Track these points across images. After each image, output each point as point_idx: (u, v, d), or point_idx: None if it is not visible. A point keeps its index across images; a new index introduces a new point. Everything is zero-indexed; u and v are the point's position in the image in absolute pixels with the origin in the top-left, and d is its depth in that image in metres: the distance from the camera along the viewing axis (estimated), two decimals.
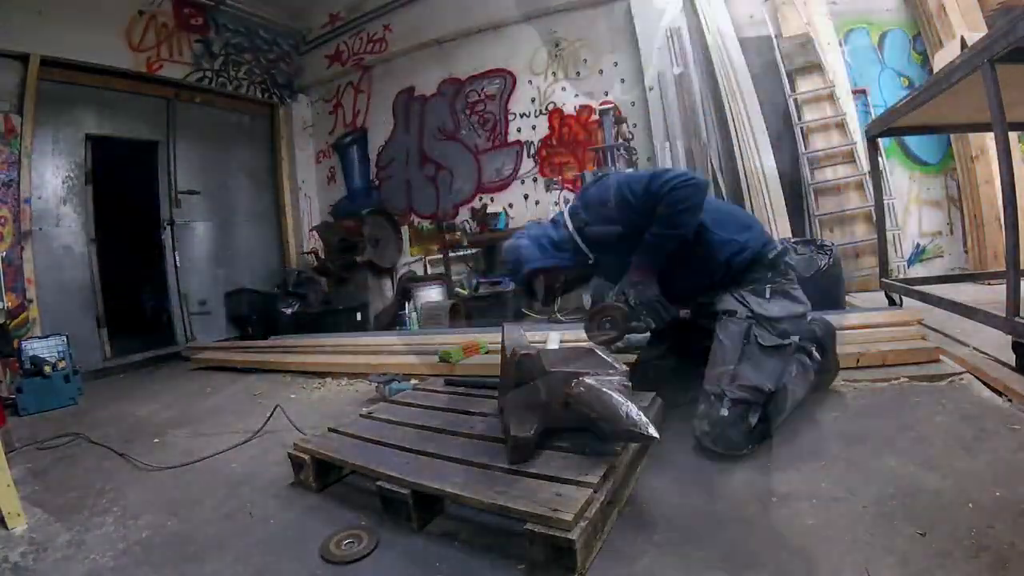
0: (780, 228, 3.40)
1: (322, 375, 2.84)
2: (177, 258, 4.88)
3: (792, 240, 2.96)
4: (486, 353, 2.62)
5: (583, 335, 1.66)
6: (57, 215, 4.11)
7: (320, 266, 5.28)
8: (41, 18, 3.87)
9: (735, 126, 3.72)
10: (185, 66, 4.98)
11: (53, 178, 4.10)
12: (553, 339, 1.72)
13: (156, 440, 2.12)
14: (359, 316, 4.76)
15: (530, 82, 4.83)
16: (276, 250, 6.01)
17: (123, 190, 4.82)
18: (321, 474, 1.43)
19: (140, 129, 4.78)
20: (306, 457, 1.44)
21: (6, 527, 1.41)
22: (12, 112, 3.73)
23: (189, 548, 1.24)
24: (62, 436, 2.21)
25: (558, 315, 3.58)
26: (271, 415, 2.00)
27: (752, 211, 3.49)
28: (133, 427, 2.37)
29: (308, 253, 5.70)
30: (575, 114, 4.62)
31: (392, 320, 4.62)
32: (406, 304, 4.44)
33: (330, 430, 1.58)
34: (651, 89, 4.20)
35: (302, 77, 6.06)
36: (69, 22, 4.01)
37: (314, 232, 5.68)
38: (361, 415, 1.69)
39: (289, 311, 4.80)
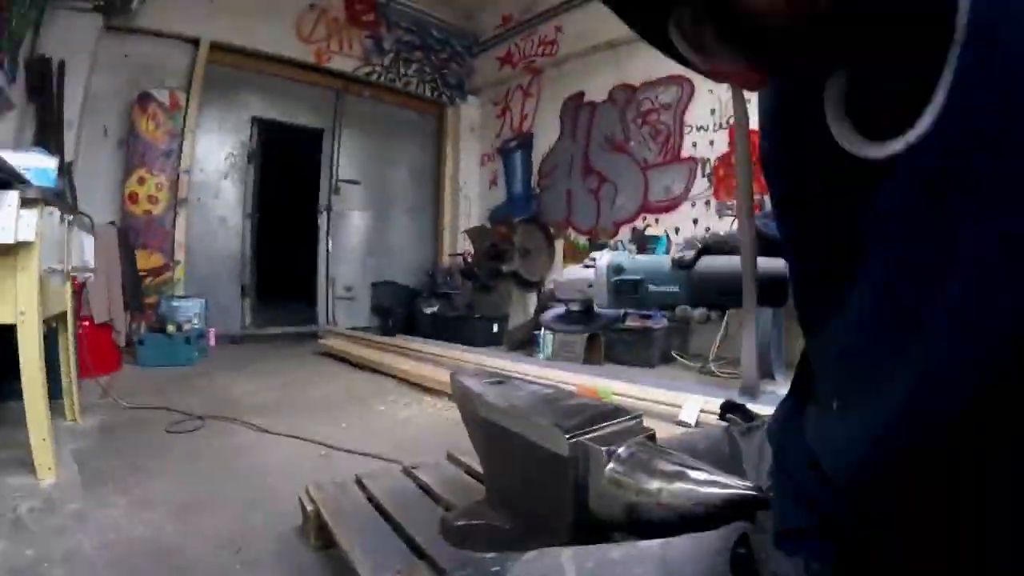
0: None
1: (426, 389, 3.29)
2: (330, 243, 6.08)
3: None
4: None
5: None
6: (217, 188, 5.41)
7: (467, 270, 6.09)
8: (214, 5, 5.05)
9: None
10: (355, 60, 6.09)
11: (216, 154, 5.37)
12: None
13: (229, 424, 2.54)
14: (495, 328, 5.47)
15: (710, 91, 5.03)
16: (428, 248, 7.08)
17: (286, 173, 6.18)
18: (323, 532, 1.36)
19: (307, 116, 6.03)
20: (309, 508, 1.42)
21: (36, 476, 1.76)
22: (179, 90, 4.93)
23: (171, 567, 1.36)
24: (148, 408, 2.72)
25: (711, 366, 3.92)
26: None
27: None
28: (220, 404, 2.86)
29: (458, 255, 6.63)
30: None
31: (525, 339, 5.03)
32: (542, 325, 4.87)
33: (357, 481, 1.50)
34: None
35: (473, 79, 6.96)
36: (240, 11, 5.16)
37: (467, 235, 6.56)
38: (405, 468, 1.56)
39: (429, 311, 5.73)
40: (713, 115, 5.04)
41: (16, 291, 1.78)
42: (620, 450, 0.81)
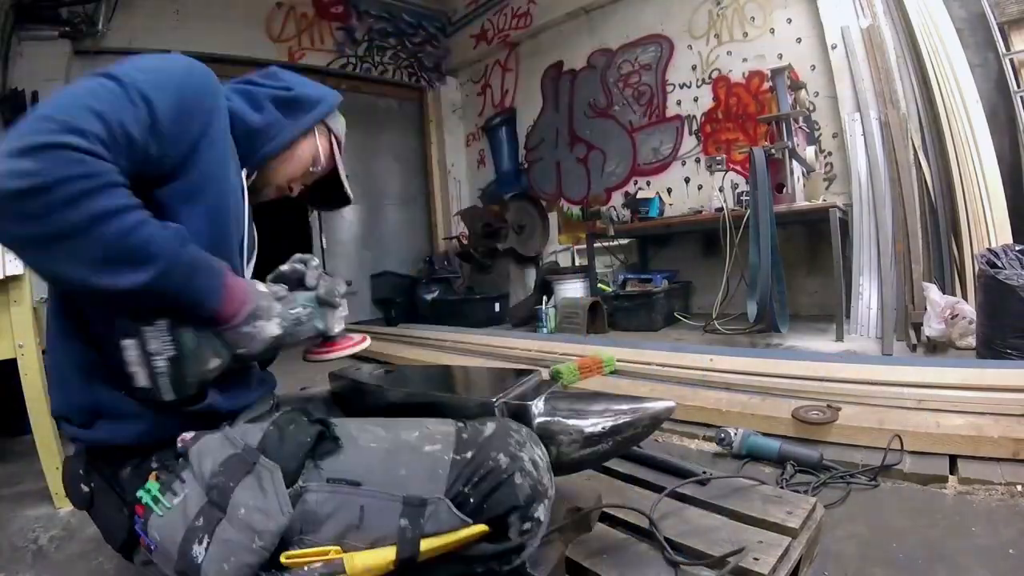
0: (999, 232, 3.29)
1: None
2: (324, 240, 6.09)
3: (1016, 248, 2.84)
4: (611, 374, 2.68)
5: None
6: None
7: (463, 252, 6.11)
8: (179, 16, 5.00)
9: (940, 92, 3.58)
10: (328, 54, 6.04)
11: None
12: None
13: None
14: (497, 307, 5.51)
15: (690, 47, 4.98)
16: (423, 234, 7.07)
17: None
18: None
19: None
20: None
21: (55, 506, 1.79)
22: None
23: None
24: None
25: (715, 324, 3.92)
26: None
27: (965, 206, 3.42)
28: None
29: (453, 238, 6.62)
30: (744, 82, 4.70)
31: (528, 315, 5.07)
32: (544, 299, 4.79)
33: None
34: (834, 47, 4.12)
35: (450, 59, 6.87)
36: (207, 17, 5.11)
37: (460, 217, 6.54)
38: None
39: (429, 297, 5.76)
40: (695, 71, 4.99)
41: (12, 325, 1.79)
42: (539, 403, 0.95)
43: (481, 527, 0.76)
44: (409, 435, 0.85)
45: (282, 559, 0.72)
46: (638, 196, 5.01)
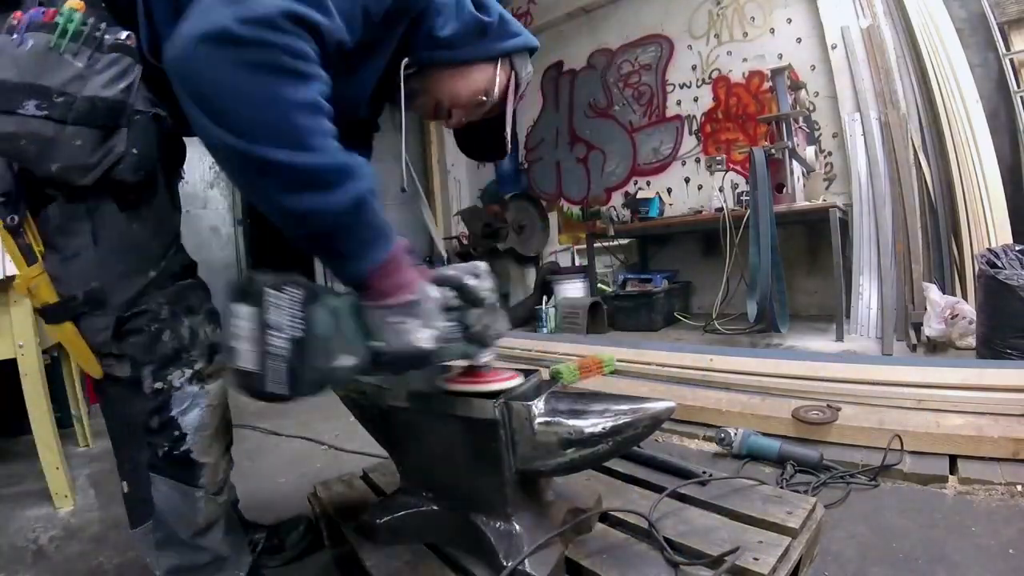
0: (999, 232, 3.29)
1: None
2: None
3: (1016, 247, 2.84)
4: (611, 374, 2.69)
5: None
6: (204, 198, 5.40)
7: (463, 252, 6.08)
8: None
9: (940, 92, 3.58)
10: None
11: (199, 164, 5.29)
12: None
13: (238, 430, 2.58)
14: None
15: (690, 47, 4.98)
16: (424, 234, 7.03)
17: None
18: (333, 529, 1.31)
19: None
20: (318, 509, 1.40)
21: (54, 506, 1.79)
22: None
23: None
24: None
25: (715, 323, 3.93)
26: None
27: (965, 206, 3.42)
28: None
29: (453, 238, 6.61)
30: (744, 82, 4.70)
31: (528, 315, 5.08)
32: (543, 299, 4.82)
33: (364, 476, 1.52)
34: (834, 47, 4.13)
35: None
36: None
37: (459, 217, 6.54)
38: None
39: None
40: (695, 71, 4.99)
41: (12, 325, 1.79)
42: (539, 403, 0.95)
43: None
44: None
45: None
46: (638, 196, 5.02)
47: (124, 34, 0.76)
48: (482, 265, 0.92)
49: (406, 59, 0.92)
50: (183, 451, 0.88)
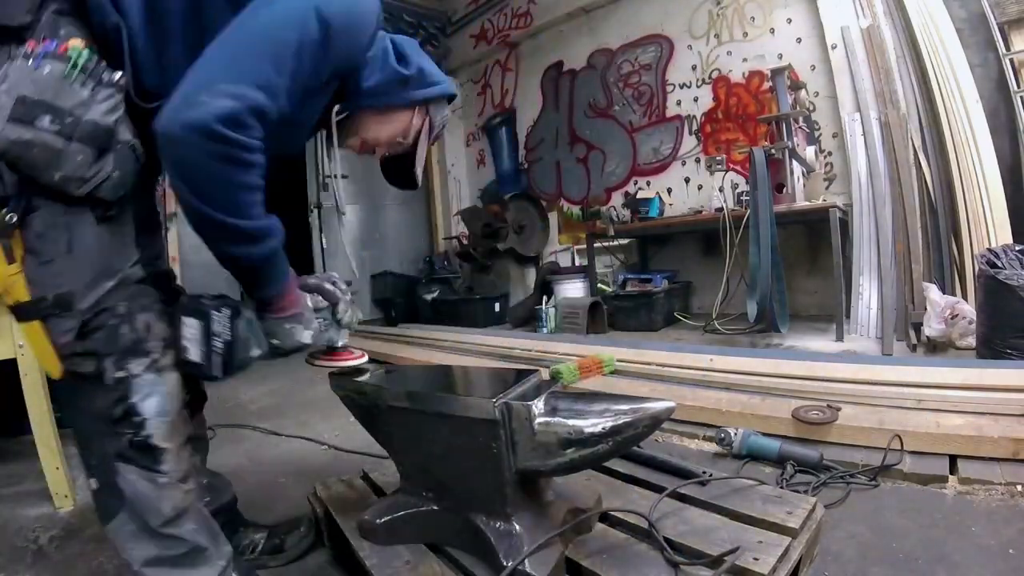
0: (999, 232, 3.29)
1: None
2: (324, 240, 6.06)
3: (1016, 247, 2.84)
4: (611, 374, 2.69)
5: None
6: None
7: (463, 252, 6.10)
8: None
9: (940, 92, 3.58)
10: None
11: None
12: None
13: (238, 430, 2.56)
14: (497, 307, 5.50)
15: (689, 47, 4.97)
16: (424, 234, 7.06)
17: (271, 175, 6.16)
18: (334, 529, 1.32)
19: None
20: (319, 509, 1.41)
21: (54, 506, 1.80)
22: None
23: None
24: None
25: (715, 324, 3.93)
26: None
27: (965, 206, 3.43)
28: (228, 411, 2.86)
29: (453, 238, 6.61)
30: (744, 82, 4.70)
31: (528, 315, 5.07)
32: (543, 299, 4.81)
33: (364, 476, 1.54)
34: (834, 47, 4.12)
35: (450, 59, 6.85)
36: None
37: (459, 217, 6.53)
38: None
39: (429, 297, 5.74)
40: (695, 71, 4.98)
41: (12, 325, 1.79)
42: (539, 403, 0.97)
43: None
44: None
45: None
46: (638, 196, 5.01)
47: (117, 75, 0.91)
48: (335, 274, 1.22)
49: (337, 106, 1.13)
50: (144, 436, 0.97)
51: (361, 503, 1.37)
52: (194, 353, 0.96)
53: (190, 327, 0.96)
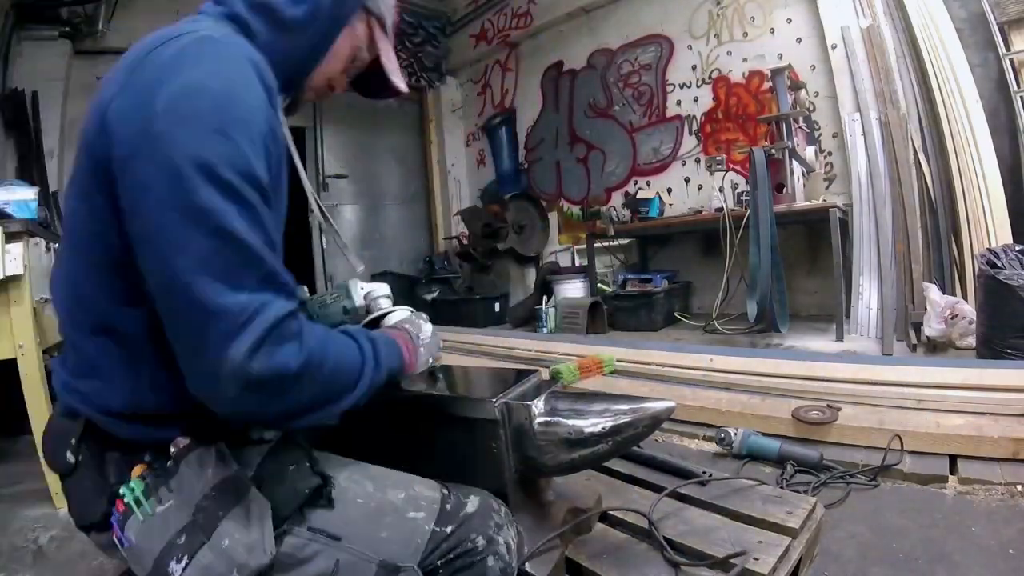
0: (999, 232, 3.29)
1: None
2: (324, 240, 6.08)
3: (1016, 247, 2.81)
4: (611, 373, 2.69)
5: None
6: None
7: (463, 252, 6.10)
8: (180, 17, 4.93)
9: (940, 92, 3.58)
10: None
11: None
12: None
13: None
14: (497, 307, 5.50)
15: (689, 47, 4.97)
16: (424, 234, 7.06)
17: None
18: None
19: None
20: None
21: (55, 506, 1.79)
22: None
23: None
24: None
25: (715, 324, 3.92)
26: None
27: (965, 206, 3.43)
28: None
29: (453, 238, 6.61)
30: (744, 82, 4.70)
31: (528, 315, 5.07)
32: (543, 299, 4.82)
33: None
34: (834, 47, 4.12)
35: (450, 59, 6.86)
36: None
37: (459, 217, 6.53)
38: None
39: (429, 297, 5.74)
40: (695, 71, 4.98)
41: (12, 325, 1.79)
42: (539, 403, 0.95)
43: None
44: (396, 496, 0.84)
45: None
46: (638, 196, 5.01)
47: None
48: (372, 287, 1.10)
49: (281, 96, 0.85)
50: None
51: None
52: None
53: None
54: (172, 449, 0.77)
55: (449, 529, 0.81)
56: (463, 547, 0.80)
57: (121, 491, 0.75)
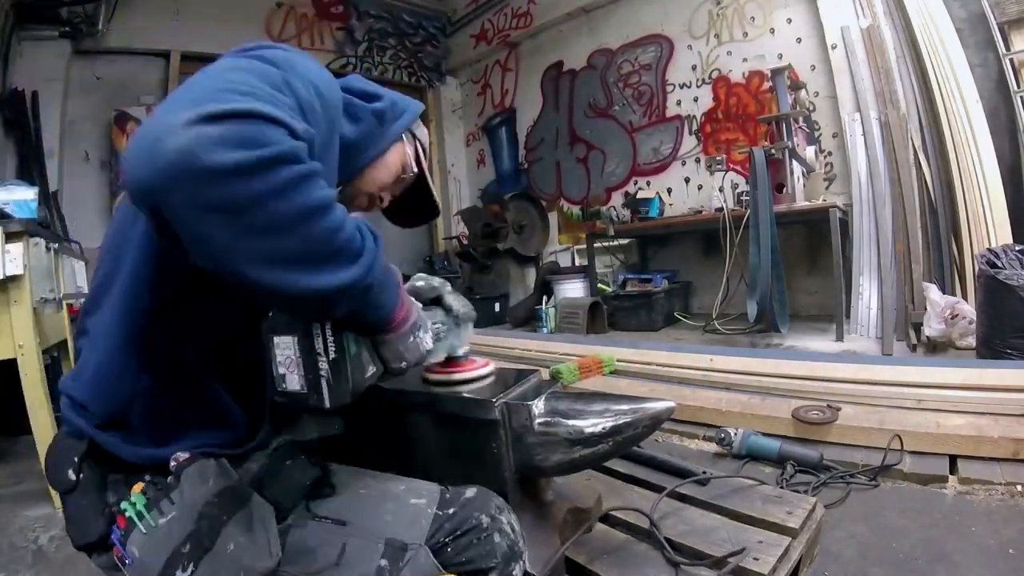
0: (999, 232, 3.29)
1: None
2: None
3: (1016, 247, 2.80)
4: (611, 374, 2.70)
5: None
6: None
7: (463, 252, 6.10)
8: (179, 17, 4.94)
9: (940, 92, 3.58)
10: (328, 54, 6.00)
11: None
12: None
13: None
14: (497, 307, 5.50)
15: (689, 47, 4.97)
16: (424, 234, 7.05)
17: None
18: None
19: None
20: None
21: (55, 506, 1.79)
22: (156, 105, 4.95)
23: None
24: None
25: (715, 324, 3.93)
26: None
27: (965, 206, 3.43)
28: None
29: (453, 238, 6.61)
30: (744, 82, 4.70)
31: (528, 315, 5.09)
32: (543, 299, 4.84)
33: None
34: (834, 47, 4.12)
35: (450, 59, 6.86)
36: (207, 18, 5.05)
37: (459, 217, 6.53)
38: None
39: None
40: (695, 71, 4.98)
41: (12, 325, 1.79)
42: (539, 403, 0.95)
43: None
44: (396, 487, 0.87)
45: None
46: (638, 196, 5.01)
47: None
48: (425, 276, 1.03)
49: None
50: None
51: None
52: (293, 381, 0.72)
53: (282, 348, 0.72)
54: (172, 464, 0.77)
55: (451, 511, 0.82)
56: (468, 524, 0.81)
57: (122, 506, 0.75)
